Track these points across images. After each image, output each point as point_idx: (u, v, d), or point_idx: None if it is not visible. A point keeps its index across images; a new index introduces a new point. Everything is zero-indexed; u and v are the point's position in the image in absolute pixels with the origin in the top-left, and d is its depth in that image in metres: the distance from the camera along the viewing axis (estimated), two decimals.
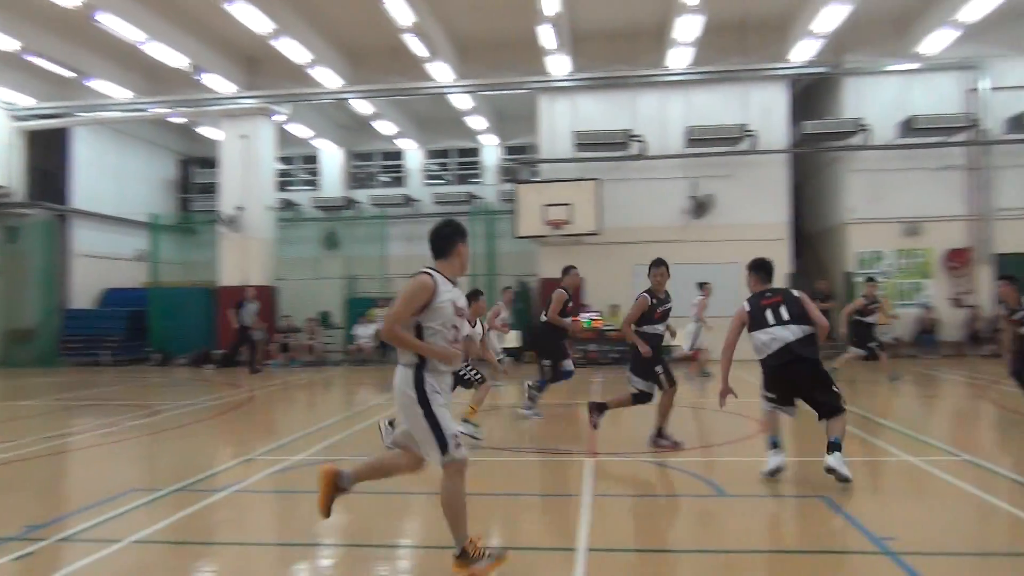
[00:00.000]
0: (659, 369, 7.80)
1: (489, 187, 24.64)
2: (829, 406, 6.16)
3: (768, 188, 19.17)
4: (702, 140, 18.73)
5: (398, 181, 26.08)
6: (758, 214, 19.13)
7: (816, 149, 19.81)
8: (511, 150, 24.88)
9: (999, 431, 9.34)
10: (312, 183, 26.27)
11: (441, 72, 19.03)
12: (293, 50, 17.58)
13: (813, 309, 6.37)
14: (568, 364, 9.97)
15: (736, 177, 19.21)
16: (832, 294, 18.84)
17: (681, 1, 15.49)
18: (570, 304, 9.88)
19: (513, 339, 14.83)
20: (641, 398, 7.84)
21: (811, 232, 21.97)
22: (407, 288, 4.23)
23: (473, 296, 8.89)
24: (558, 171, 19.79)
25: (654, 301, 7.84)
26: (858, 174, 19.10)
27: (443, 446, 4.13)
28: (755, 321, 6.43)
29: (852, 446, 8.13)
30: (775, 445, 6.41)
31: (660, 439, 7.84)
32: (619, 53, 19.69)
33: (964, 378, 14.02)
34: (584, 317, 18.36)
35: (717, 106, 19.26)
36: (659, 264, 7.97)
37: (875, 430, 8.90)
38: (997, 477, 6.51)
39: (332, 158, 25.96)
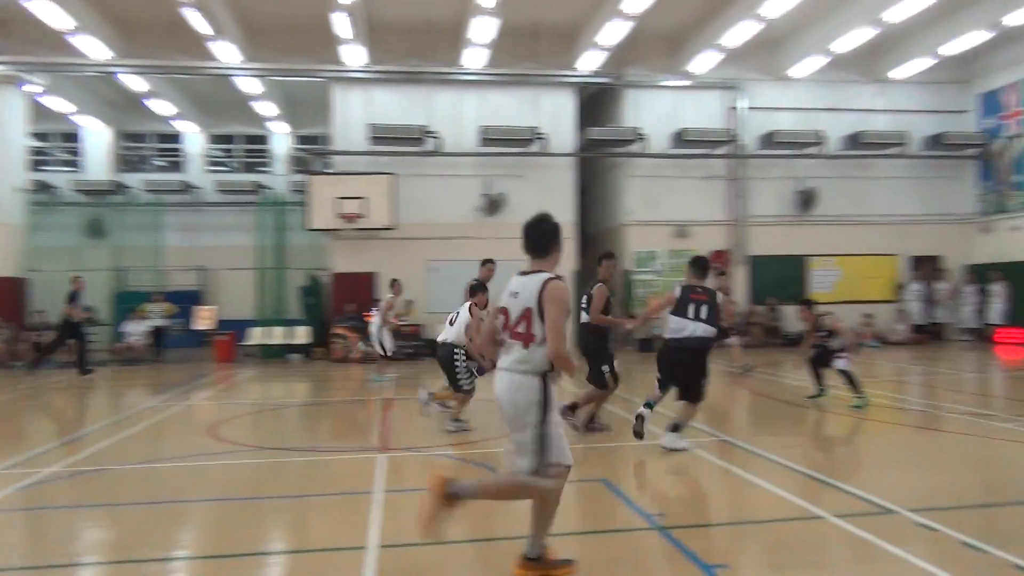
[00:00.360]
0: (607, 366, 8.12)
1: (279, 177, 23.59)
2: (694, 394, 7.33)
3: (556, 189, 20.07)
4: (495, 140, 19.21)
5: (176, 166, 24.20)
6: None
7: (600, 154, 21.06)
8: (303, 139, 23.98)
9: (753, 414, 10.47)
10: (73, 164, 23.64)
11: (226, 52, 17.87)
12: (50, 13, 15.66)
13: (723, 313, 7.49)
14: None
15: (527, 177, 19.92)
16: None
17: (477, 2, 15.76)
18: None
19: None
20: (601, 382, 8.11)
21: (594, 232, 23.33)
22: (560, 303, 3.97)
23: (481, 289, 8.77)
24: (352, 164, 19.36)
25: (611, 293, 8.14)
26: (636, 179, 20.57)
27: (548, 454, 3.96)
28: (678, 307, 7.36)
29: (624, 431, 8.74)
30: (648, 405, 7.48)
31: (593, 424, 8.29)
32: (416, 48, 19.66)
33: (721, 366, 15.57)
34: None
35: (510, 108, 19.85)
36: (610, 256, 8.37)
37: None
38: (750, 455, 7.28)
39: (98, 137, 23.50)
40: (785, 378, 13.03)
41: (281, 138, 24.43)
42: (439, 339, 8.72)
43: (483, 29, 16.90)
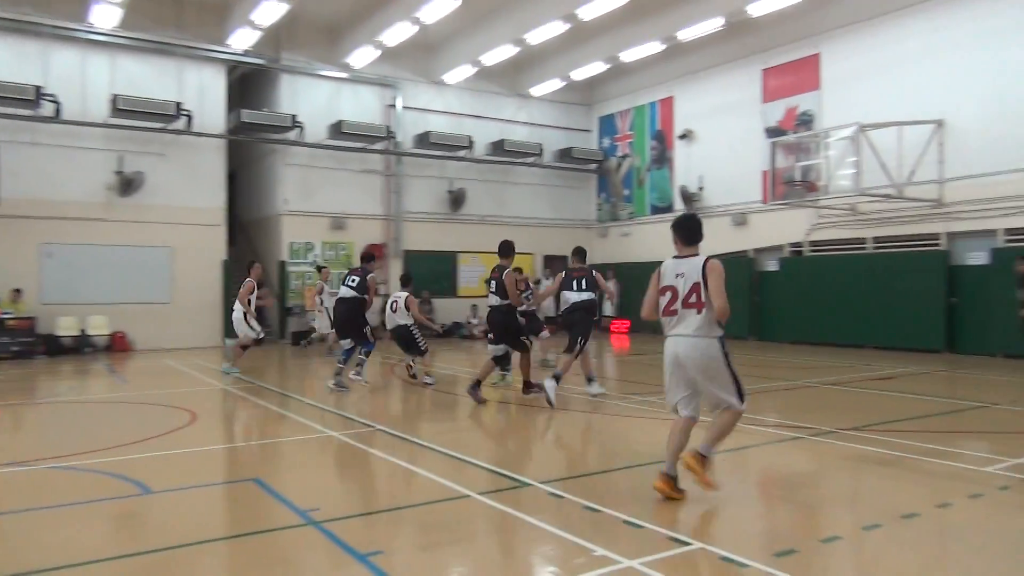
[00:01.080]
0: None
1: None
2: (570, 344, 9.57)
3: (204, 172, 18.66)
4: (131, 112, 17.16)
5: None
6: (193, 198, 18.48)
7: (253, 139, 20.04)
8: None
9: (404, 403, 10.79)
10: None
11: None
12: None
13: (601, 282, 9.99)
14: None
15: (170, 157, 18.20)
16: (264, 282, 19.32)
17: None
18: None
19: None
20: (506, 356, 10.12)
21: (247, 220, 22.18)
22: (720, 274, 5.12)
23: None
24: None
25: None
26: (293, 168, 19.98)
27: (741, 394, 5.26)
28: (564, 284, 10.00)
29: (280, 426, 8.44)
30: (590, 380, 9.95)
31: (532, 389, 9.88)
32: None
33: (378, 357, 15.83)
34: None
35: (149, 78, 17.93)
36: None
37: (301, 409, 9.39)
38: (401, 441, 7.48)
39: None
40: (439, 366, 13.65)
41: None
42: (391, 325, 11.38)
43: None
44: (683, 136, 21.45)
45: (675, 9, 17.65)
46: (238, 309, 12.84)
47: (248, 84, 20.97)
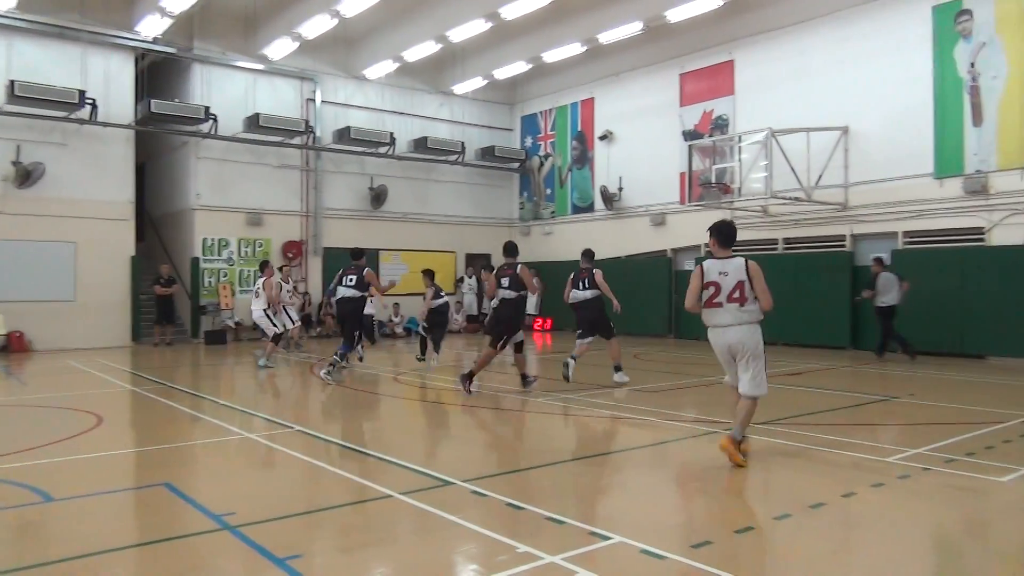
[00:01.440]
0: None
1: None
2: (583, 333, 11.15)
3: (110, 163, 17.84)
4: (30, 99, 16.20)
5: None
6: (99, 190, 17.64)
7: (164, 130, 19.24)
8: None
9: (325, 403, 10.58)
10: None
11: None
12: None
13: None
14: None
15: (73, 147, 17.32)
16: (175, 278, 18.68)
17: None
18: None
19: None
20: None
21: (157, 215, 21.35)
22: (759, 270, 6.22)
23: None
24: None
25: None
26: (206, 162, 19.31)
27: (766, 371, 6.32)
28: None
29: (193, 429, 8.16)
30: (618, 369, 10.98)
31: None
32: None
33: (297, 358, 15.49)
34: None
35: (49, 64, 16.98)
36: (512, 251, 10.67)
37: (215, 411, 9.09)
38: (321, 442, 7.34)
39: None
40: (357, 366, 13.45)
41: None
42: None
43: None
44: (603, 137, 21.79)
45: (596, 12, 17.90)
46: (256, 306, 13.92)
47: (159, 73, 20.12)
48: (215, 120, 18.68)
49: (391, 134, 21.27)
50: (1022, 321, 13.63)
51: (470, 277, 23.29)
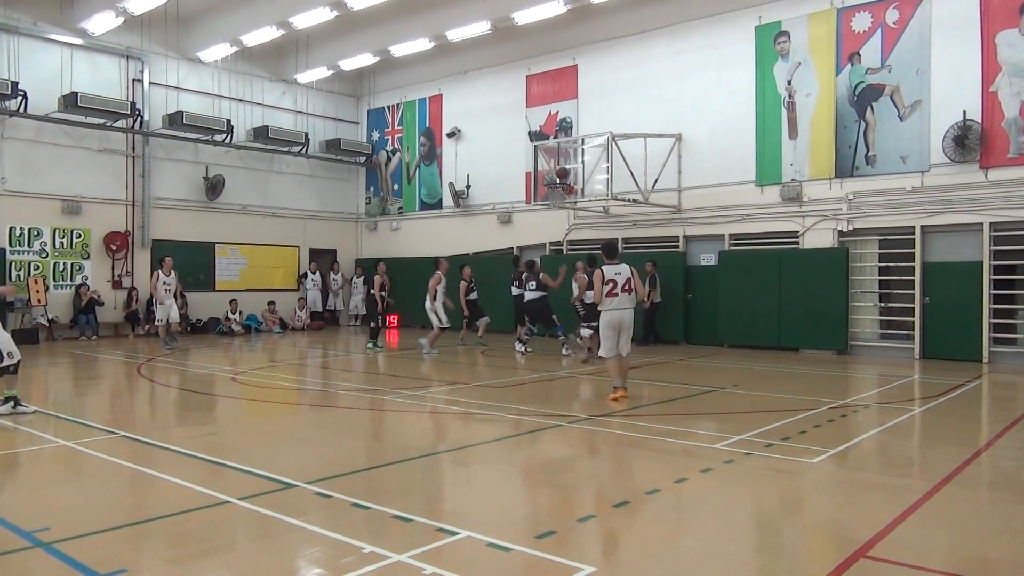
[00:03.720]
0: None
1: None
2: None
3: None
4: None
5: None
6: None
7: None
8: None
9: (152, 405, 9.89)
10: None
11: None
12: None
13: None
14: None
15: None
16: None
17: None
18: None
19: None
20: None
21: None
22: (635, 272, 9.22)
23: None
24: None
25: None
26: (13, 142, 17.45)
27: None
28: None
29: (1, 438, 7.37)
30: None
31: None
32: None
33: (123, 357, 14.38)
34: None
35: None
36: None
37: (30, 418, 8.25)
38: (151, 448, 6.85)
39: None
40: (191, 365, 12.69)
41: None
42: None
43: None
44: (451, 134, 21.82)
45: (444, 8, 17.87)
46: (429, 300, 15.00)
47: None
48: (25, 97, 16.92)
49: (228, 121, 20.18)
50: (829, 317, 15.06)
51: (313, 273, 22.60)
